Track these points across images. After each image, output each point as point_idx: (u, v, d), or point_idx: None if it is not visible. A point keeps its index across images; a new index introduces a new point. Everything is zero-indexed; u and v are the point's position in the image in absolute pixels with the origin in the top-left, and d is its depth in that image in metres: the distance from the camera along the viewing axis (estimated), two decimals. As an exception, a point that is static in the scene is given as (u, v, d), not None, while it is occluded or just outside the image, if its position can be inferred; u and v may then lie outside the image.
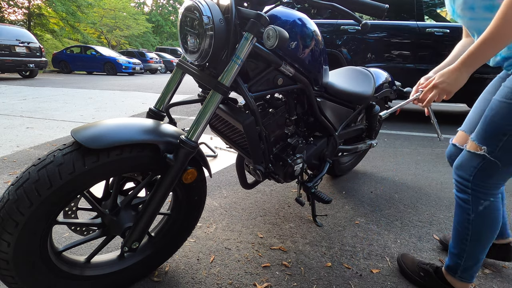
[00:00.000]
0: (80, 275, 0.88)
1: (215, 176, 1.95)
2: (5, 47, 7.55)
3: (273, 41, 0.77)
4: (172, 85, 1.02)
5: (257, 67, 0.97)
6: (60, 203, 0.73)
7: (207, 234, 1.32)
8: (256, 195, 1.70)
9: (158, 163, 0.84)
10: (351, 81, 1.54)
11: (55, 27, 17.22)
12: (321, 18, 3.73)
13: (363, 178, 2.03)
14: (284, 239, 1.30)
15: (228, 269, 1.10)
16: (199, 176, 0.96)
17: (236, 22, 0.84)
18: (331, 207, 1.60)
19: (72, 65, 12.49)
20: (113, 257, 0.98)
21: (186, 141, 0.81)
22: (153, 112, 1.00)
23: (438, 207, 1.64)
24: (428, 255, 1.23)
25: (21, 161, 2.09)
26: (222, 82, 0.83)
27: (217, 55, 0.86)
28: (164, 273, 1.07)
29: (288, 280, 1.06)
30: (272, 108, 1.12)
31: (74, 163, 0.71)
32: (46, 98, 4.99)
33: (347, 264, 1.15)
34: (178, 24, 0.91)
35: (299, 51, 1.02)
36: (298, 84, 1.09)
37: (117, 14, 23.23)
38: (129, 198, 0.91)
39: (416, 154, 2.56)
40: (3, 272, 0.73)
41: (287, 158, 1.16)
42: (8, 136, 2.68)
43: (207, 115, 0.84)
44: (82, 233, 0.91)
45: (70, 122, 3.33)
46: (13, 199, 0.68)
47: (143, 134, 0.80)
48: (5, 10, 15.70)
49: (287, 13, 1.01)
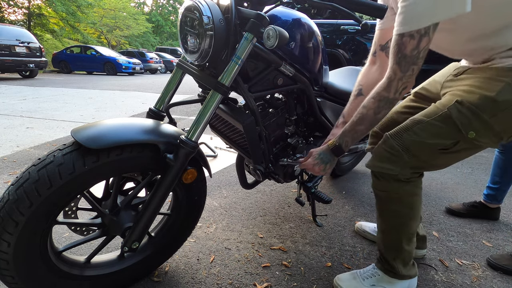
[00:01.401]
0: (80, 275, 0.88)
1: (215, 176, 1.95)
2: (5, 47, 7.54)
3: (273, 41, 0.77)
4: (172, 85, 1.02)
5: (257, 67, 0.97)
6: (60, 203, 0.73)
7: (207, 234, 1.32)
8: (256, 195, 1.70)
9: (158, 163, 0.84)
10: (351, 81, 1.54)
11: (55, 27, 17.22)
12: (321, 18, 3.73)
13: (363, 178, 2.03)
14: (284, 239, 1.30)
15: (228, 269, 1.10)
16: (199, 176, 0.96)
17: (236, 22, 0.84)
18: (331, 207, 1.60)
19: (72, 65, 12.48)
20: (113, 257, 0.98)
21: (186, 141, 0.81)
22: (153, 112, 1.00)
23: (438, 207, 1.63)
24: (428, 255, 1.23)
25: (21, 161, 2.09)
26: (222, 82, 0.83)
27: (217, 55, 0.86)
28: (164, 273, 1.07)
29: (288, 280, 1.06)
30: (272, 108, 1.12)
31: (74, 163, 0.71)
32: (46, 98, 4.99)
33: (347, 264, 1.15)
34: (178, 24, 0.91)
35: (299, 51, 1.02)
36: (298, 84, 1.09)
37: (117, 14, 23.23)
38: (129, 198, 0.91)
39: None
40: (3, 272, 0.73)
41: (287, 158, 1.16)
42: (8, 136, 2.68)
43: (207, 115, 0.84)
44: (82, 233, 0.91)
45: (70, 122, 3.33)
46: (13, 199, 0.68)
47: (143, 134, 0.80)
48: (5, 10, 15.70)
49: (287, 13, 1.01)
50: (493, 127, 0.71)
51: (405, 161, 0.79)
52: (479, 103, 0.70)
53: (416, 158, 0.78)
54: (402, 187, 0.83)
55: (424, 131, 0.77)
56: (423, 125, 0.78)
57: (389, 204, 0.89)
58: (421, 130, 0.77)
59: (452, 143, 0.75)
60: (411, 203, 0.87)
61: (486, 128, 0.71)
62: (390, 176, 0.83)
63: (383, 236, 0.96)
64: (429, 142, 0.76)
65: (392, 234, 0.92)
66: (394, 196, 0.86)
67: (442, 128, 0.75)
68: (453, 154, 0.77)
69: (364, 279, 0.99)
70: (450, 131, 0.74)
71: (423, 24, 0.66)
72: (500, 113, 0.69)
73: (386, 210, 0.91)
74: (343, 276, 1.03)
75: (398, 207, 0.88)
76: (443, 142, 0.75)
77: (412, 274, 0.96)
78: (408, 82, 0.75)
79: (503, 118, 0.70)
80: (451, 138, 0.74)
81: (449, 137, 0.75)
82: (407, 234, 0.90)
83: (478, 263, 1.18)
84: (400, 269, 0.94)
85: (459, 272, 1.13)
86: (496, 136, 0.73)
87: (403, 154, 0.79)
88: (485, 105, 0.70)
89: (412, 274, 0.96)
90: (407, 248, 0.92)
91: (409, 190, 0.85)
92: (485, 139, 0.73)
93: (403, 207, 0.87)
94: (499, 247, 1.29)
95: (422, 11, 0.66)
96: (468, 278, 1.10)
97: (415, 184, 0.85)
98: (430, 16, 0.65)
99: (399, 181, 0.83)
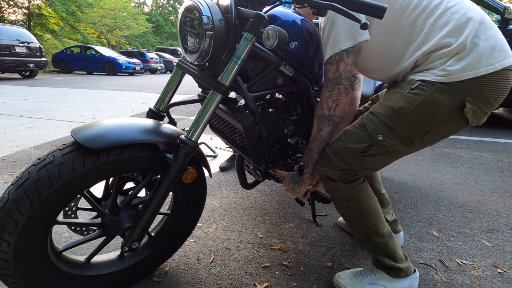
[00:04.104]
0: (80, 275, 0.88)
1: (215, 176, 1.95)
2: (5, 47, 7.54)
3: (273, 41, 0.77)
4: (172, 85, 1.02)
5: (257, 67, 0.97)
6: (60, 203, 0.73)
7: (207, 234, 1.32)
8: (256, 195, 1.70)
9: (158, 163, 0.84)
10: (351, 81, 1.54)
11: (55, 27, 17.22)
12: (321, 18, 3.72)
13: (363, 178, 2.03)
14: (284, 239, 1.30)
15: (228, 269, 1.10)
16: (199, 176, 0.96)
17: (236, 22, 0.84)
18: (331, 207, 1.60)
19: (72, 65, 12.48)
20: (113, 257, 0.98)
21: (186, 141, 0.81)
22: (153, 112, 1.00)
23: (438, 207, 1.63)
24: (428, 255, 1.23)
25: (21, 161, 2.09)
26: (222, 82, 0.83)
27: (217, 55, 0.86)
28: (164, 273, 1.07)
29: (288, 280, 1.06)
30: (272, 108, 1.12)
31: (74, 163, 0.71)
32: (46, 98, 4.99)
33: (347, 264, 1.15)
34: (178, 24, 0.91)
35: (298, 51, 1.02)
36: (298, 84, 1.09)
37: (117, 14, 23.22)
38: (129, 198, 0.91)
39: (416, 154, 2.56)
40: (3, 272, 0.73)
41: (287, 158, 1.16)
42: (8, 136, 2.68)
43: (207, 115, 0.84)
44: (82, 233, 0.91)
45: (70, 122, 3.33)
46: (13, 198, 0.68)
47: (143, 134, 0.80)
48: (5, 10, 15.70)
49: (286, 13, 1.01)
50: (397, 131, 0.82)
51: (336, 164, 0.91)
52: (383, 111, 0.84)
53: (344, 161, 0.90)
54: (338, 184, 0.93)
55: (347, 138, 0.90)
56: (347, 133, 0.91)
57: (337, 201, 0.97)
58: (346, 137, 0.90)
59: (367, 146, 0.85)
60: (353, 196, 0.93)
61: (390, 131, 0.83)
62: (326, 177, 0.95)
63: (354, 232, 1.03)
64: (350, 147, 0.88)
65: (357, 229, 0.99)
66: (336, 193, 0.95)
67: (359, 134, 0.87)
68: (374, 157, 0.88)
69: (363, 277, 1.00)
70: (364, 136, 0.86)
71: (335, 51, 0.84)
72: (399, 118, 0.81)
73: (339, 207, 0.99)
74: (343, 273, 1.04)
75: (345, 202, 0.95)
76: (360, 145, 0.86)
77: (405, 268, 0.96)
78: (339, 100, 0.89)
79: (403, 123, 0.81)
80: (365, 142, 0.86)
81: (364, 141, 0.86)
82: (370, 226, 0.95)
83: (478, 263, 1.18)
84: (388, 262, 0.96)
85: (459, 272, 1.13)
86: (403, 139, 0.83)
87: (333, 158, 0.91)
88: (387, 113, 0.83)
89: (405, 267, 0.96)
90: (379, 240, 0.95)
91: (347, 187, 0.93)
92: (393, 141, 0.84)
93: (349, 202, 0.94)
94: (499, 247, 1.29)
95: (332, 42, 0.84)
96: (468, 278, 1.10)
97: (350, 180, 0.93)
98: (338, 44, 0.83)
99: (334, 180, 0.93)
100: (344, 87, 0.88)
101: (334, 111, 0.91)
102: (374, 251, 0.98)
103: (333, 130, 0.94)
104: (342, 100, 0.90)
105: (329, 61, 0.87)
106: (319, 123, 0.94)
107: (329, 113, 0.91)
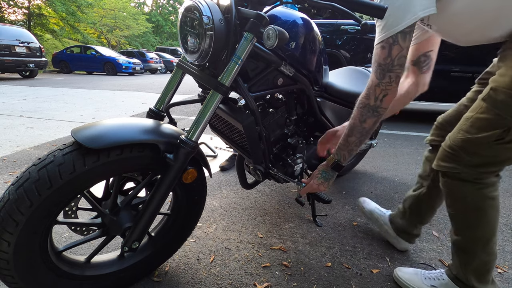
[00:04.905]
0: (80, 275, 0.88)
1: (215, 176, 1.95)
2: (5, 47, 7.54)
3: (273, 41, 0.77)
4: (172, 85, 1.02)
5: (257, 67, 0.97)
6: (60, 203, 0.73)
7: (207, 234, 1.32)
8: (256, 195, 1.70)
9: (158, 163, 0.84)
10: (351, 81, 1.54)
11: (55, 27, 17.21)
12: (321, 18, 3.73)
13: (363, 178, 2.03)
14: (284, 239, 1.30)
15: (228, 269, 1.10)
16: (199, 176, 0.96)
17: (236, 22, 0.84)
18: (331, 207, 1.60)
19: (72, 65, 12.48)
20: (113, 257, 0.98)
21: (186, 141, 0.81)
22: (153, 112, 1.00)
23: (438, 207, 1.63)
24: (428, 255, 1.23)
25: (21, 161, 2.09)
26: (222, 82, 0.83)
27: (217, 55, 0.86)
28: (164, 273, 1.07)
29: (288, 280, 1.06)
30: (272, 108, 1.12)
31: (74, 163, 0.71)
32: (46, 98, 4.99)
33: (347, 264, 1.15)
34: (178, 24, 0.91)
35: (299, 51, 1.02)
36: (298, 84, 1.09)
37: (117, 14, 23.23)
38: (129, 198, 0.91)
39: (416, 154, 2.56)
40: (3, 272, 0.73)
41: (287, 158, 1.16)
42: (8, 136, 2.68)
43: (207, 115, 0.84)
44: (82, 233, 0.91)
45: (70, 122, 3.33)
46: (14, 198, 0.68)
47: (143, 134, 0.80)
48: (5, 10, 15.69)
49: (287, 13, 1.01)
50: None
51: (467, 160, 0.77)
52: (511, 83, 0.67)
53: (476, 155, 0.75)
54: (467, 186, 0.80)
55: (473, 127, 0.75)
56: (471, 122, 0.76)
57: (456, 204, 0.86)
58: (470, 127, 0.75)
59: (503, 131, 0.70)
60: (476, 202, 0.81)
61: None
62: (453, 175, 0.81)
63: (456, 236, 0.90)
64: (480, 137, 0.73)
65: (463, 236, 0.87)
66: (458, 195, 0.83)
67: (487, 119, 0.72)
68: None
69: (426, 278, 0.95)
70: (494, 120, 0.71)
71: (389, 34, 0.73)
72: None
73: (453, 210, 0.87)
74: (405, 269, 1.00)
75: (465, 208, 0.83)
76: (493, 133, 0.71)
77: None
78: (388, 90, 0.79)
79: None
80: (499, 127, 0.70)
81: (497, 126, 0.71)
82: (480, 239, 0.84)
83: (478, 263, 1.18)
84: (471, 281, 0.85)
85: (459, 272, 1.13)
86: None
87: (462, 153, 0.77)
88: None
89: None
90: (482, 256, 0.84)
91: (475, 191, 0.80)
92: None
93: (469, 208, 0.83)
94: (499, 247, 1.29)
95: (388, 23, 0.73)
96: (468, 278, 1.10)
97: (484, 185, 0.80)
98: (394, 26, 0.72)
99: (464, 180, 0.80)
100: (396, 75, 0.77)
101: (381, 102, 0.80)
102: (465, 266, 0.87)
103: (377, 122, 0.84)
104: (392, 90, 0.78)
105: (380, 44, 0.76)
106: (362, 114, 0.84)
107: (375, 104, 0.81)
